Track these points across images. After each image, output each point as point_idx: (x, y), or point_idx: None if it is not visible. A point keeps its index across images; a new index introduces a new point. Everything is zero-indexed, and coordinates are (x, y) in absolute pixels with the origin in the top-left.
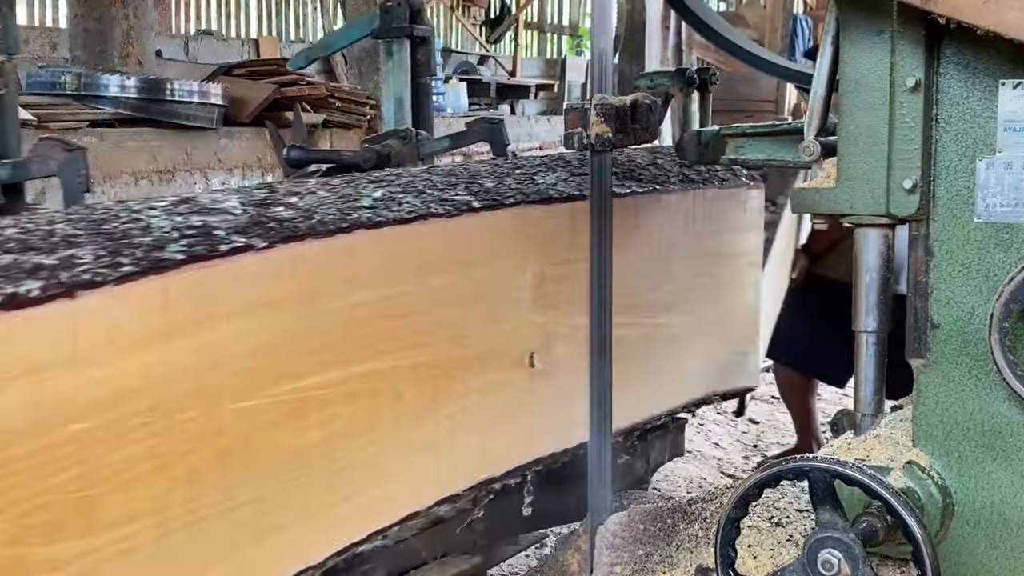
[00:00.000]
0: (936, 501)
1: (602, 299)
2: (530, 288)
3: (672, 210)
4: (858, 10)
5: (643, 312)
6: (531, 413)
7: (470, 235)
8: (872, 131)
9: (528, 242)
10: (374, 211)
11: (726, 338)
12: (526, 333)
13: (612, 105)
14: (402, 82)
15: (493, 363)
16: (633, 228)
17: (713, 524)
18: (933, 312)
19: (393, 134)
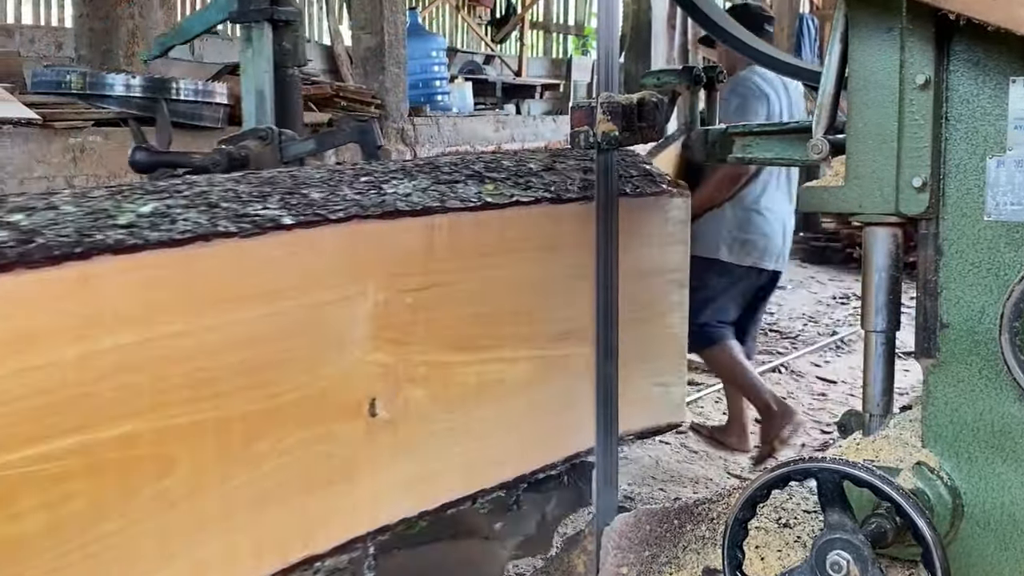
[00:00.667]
0: (946, 502)
1: (608, 300)
2: (370, 321)
3: (570, 222)
4: (867, 7)
5: (537, 342)
6: (372, 472)
7: (278, 259)
8: (881, 129)
9: (367, 265)
10: (131, 231)
11: (643, 368)
12: (364, 376)
13: (618, 103)
14: (262, 73)
15: (316, 415)
16: (514, 244)
17: (720, 525)
18: (943, 311)
19: (251, 134)
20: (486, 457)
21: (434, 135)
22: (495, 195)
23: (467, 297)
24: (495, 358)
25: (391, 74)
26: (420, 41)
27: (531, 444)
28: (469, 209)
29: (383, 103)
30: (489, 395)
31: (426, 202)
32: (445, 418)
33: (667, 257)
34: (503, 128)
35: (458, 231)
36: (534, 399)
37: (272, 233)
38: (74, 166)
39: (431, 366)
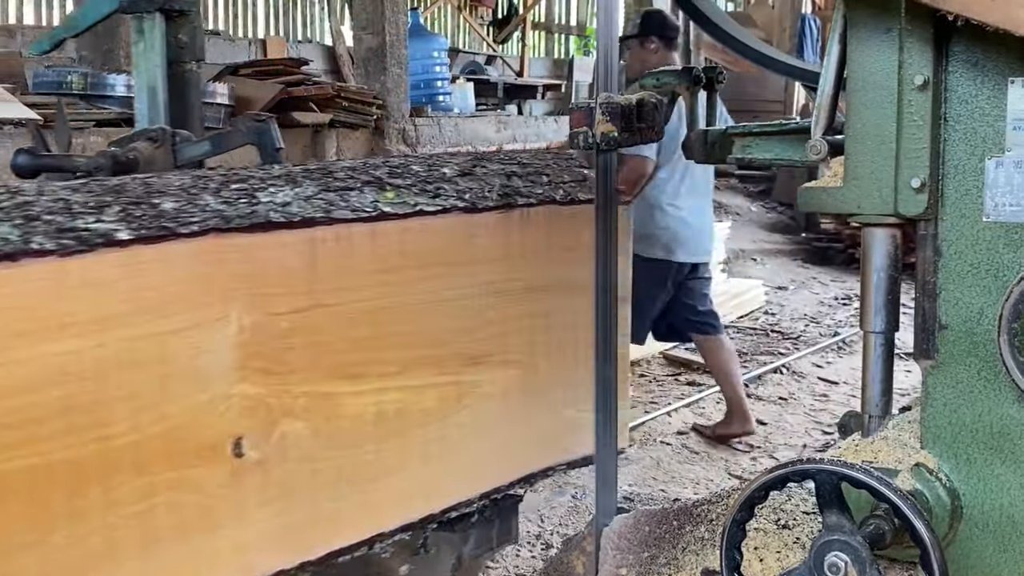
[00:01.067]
0: (944, 504)
1: (607, 303)
2: (234, 349)
3: (486, 233)
4: (866, 8)
5: (447, 367)
6: (238, 520)
7: (111, 280)
8: (880, 130)
9: (230, 285)
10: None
11: (578, 394)
12: (227, 412)
13: (618, 104)
14: (155, 68)
15: (163, 458)
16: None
17: (719, 526)
18: (941, 313)
19: (142, 135)
20: (385, 497)
21: (435, 135)
22: (395, 204)
23: (359, 318)
24: (395, 386)
25: (393, 74)
26: (422, 41)
27: (440, 480)
28: (362, 220)
29: (385, 103)
30: (388, 428)
31: (308, 212)
32: (332, 456)
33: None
34: (505, 129)
35: (348, 245)
36: (444, 430)
37: (102, 250)
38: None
39: (314, 397)
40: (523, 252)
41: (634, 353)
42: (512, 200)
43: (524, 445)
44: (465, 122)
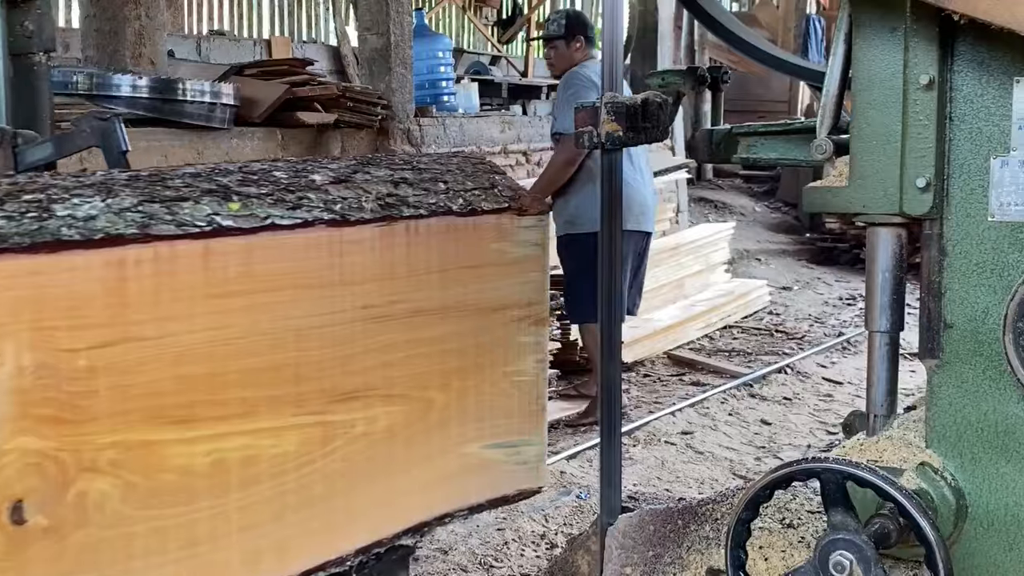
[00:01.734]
0: (949, 503)
1: (611, 302)
2: (10, 394)
3: (360, 250)
4: (871, 7)
5: (311, 406)
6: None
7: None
8: (885, 129)
9: (5, 317)
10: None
11: (483, 427)
12: (2, 470)
13: (623, 103)
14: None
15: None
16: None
17: (724, 525)
18: (947, 312)
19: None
20: (226, 560)
21: (440, 136)
22: (241, 217)
23: (188, 353)
24: (239, 431)
25: (397, 75)
26: (426, 42)
27: (303, 536)
28: (191, 236)
29: (389, 104)
30: (231, 479)
31: (116, 228)
32: (153, 516)
33: (515, 290)
34: (509, 129)
35: (171, 266)
36: (307, 478)
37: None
38: (80, 166)
39: (126, 448)
40: (410, 271)
41: (638, 353)
42: (396, 211)
43: (413, 490)
44: (469, 122)
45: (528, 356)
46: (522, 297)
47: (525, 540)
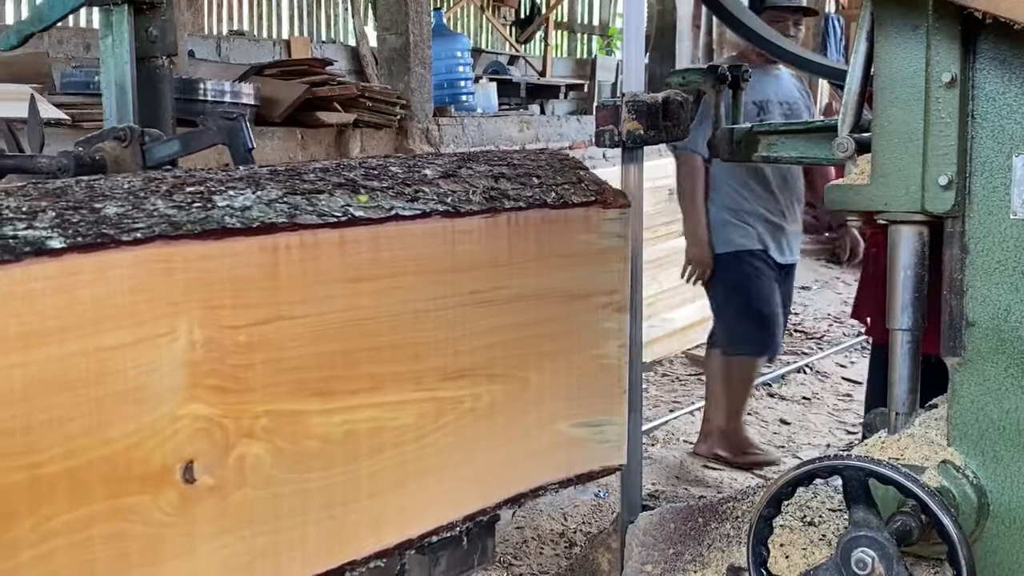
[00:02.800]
0: (971, 501)
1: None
2: (183, 366)
3: (470, 240)
4: (893, 6)
5: (426, 383)
6: (191, 552)
7: (41, 293)
8: (907, 127)
9: (177, 297)
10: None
11: (571, 407)
12: (176, 434)
13: (643, 102)
14: (123, 64)
15: (101, 486)
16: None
17: (744, 523)
18: (968, 310)
19: (109, 134)
20: (357, 523)
21: (459, 135)
22: (369, 208)
23: (328, 331)
24: (368, 403)
25: (416, 74)
26: (445, 41)
27: (420, 503)
28: (330, 226)
29: (408, 103)
30: (361, 448)
31: (269, 217)
32: (296, 479)
33: (601, 277)
34: (528, 128)
35: (314, 252)
36: (424, 450)
37: (30, 260)
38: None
39: (276, 417)
40: (511, 259)
41: (657, 352)
42: (499, 203)
43: (512, 464)
44: (488, 122)
45: (611, 341)
46: (605, 285)
47: (544, 539)
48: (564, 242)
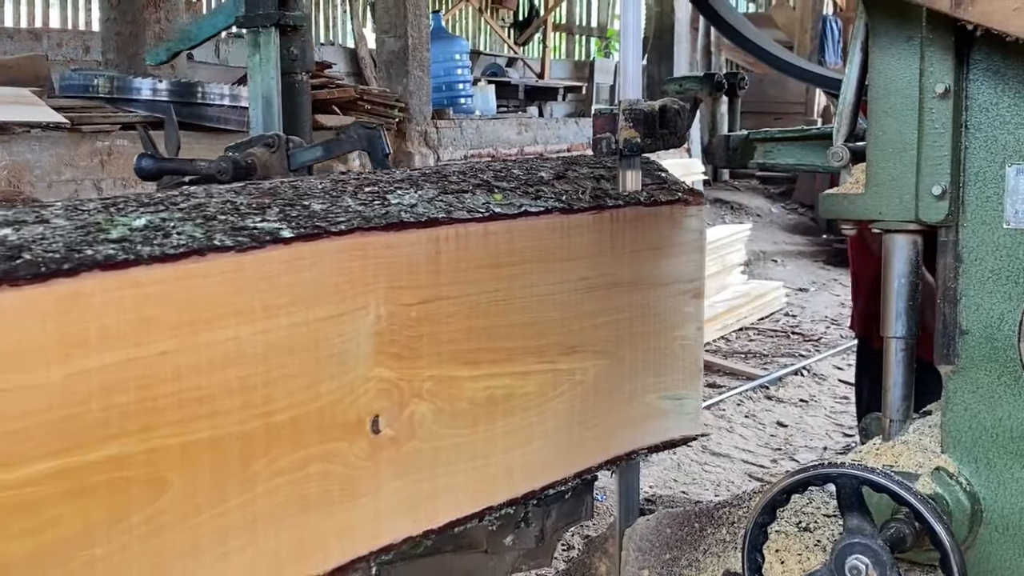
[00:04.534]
0: (964, 507)
1: None
2: (371, 336)
3: (580, 233)
4: (888, 17)
5: (547, 356)
6: (376, 491)
7: (276, 274)
8: (901, 137)
9: (369, 279)
10: (123, 246)
11: (657, 382)
12: (366, 392)
13: (641, 110)
14: (270, 79)
15: (314, 433)
16: (523, 255)
17: (740, 529)
18: (962, 318)
19: (258, 140)
20: (495, 474)
21: (457, 138)
22: (504, 205)
23: (475, 310)
24: (504, 372)
25: (415, 77)
26: (443, 44)
27: (542, 460)
28: (477, 220)
29: (407, 106)
30: (498, 410)
31: (432, 213)
32: (452, 434)
33: (682, 267)
34: (526, 131)
35: (465, 243)
36: (544, 414)
37: (271, 247)
38: (101, 169)
39: (437, 381)
40: (612, 250)
41: None
42: (603, 201)
43: (611, 430)
44: (486, 124)
45: (690, 324)
46: (686, 274)
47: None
48: (654, 236)
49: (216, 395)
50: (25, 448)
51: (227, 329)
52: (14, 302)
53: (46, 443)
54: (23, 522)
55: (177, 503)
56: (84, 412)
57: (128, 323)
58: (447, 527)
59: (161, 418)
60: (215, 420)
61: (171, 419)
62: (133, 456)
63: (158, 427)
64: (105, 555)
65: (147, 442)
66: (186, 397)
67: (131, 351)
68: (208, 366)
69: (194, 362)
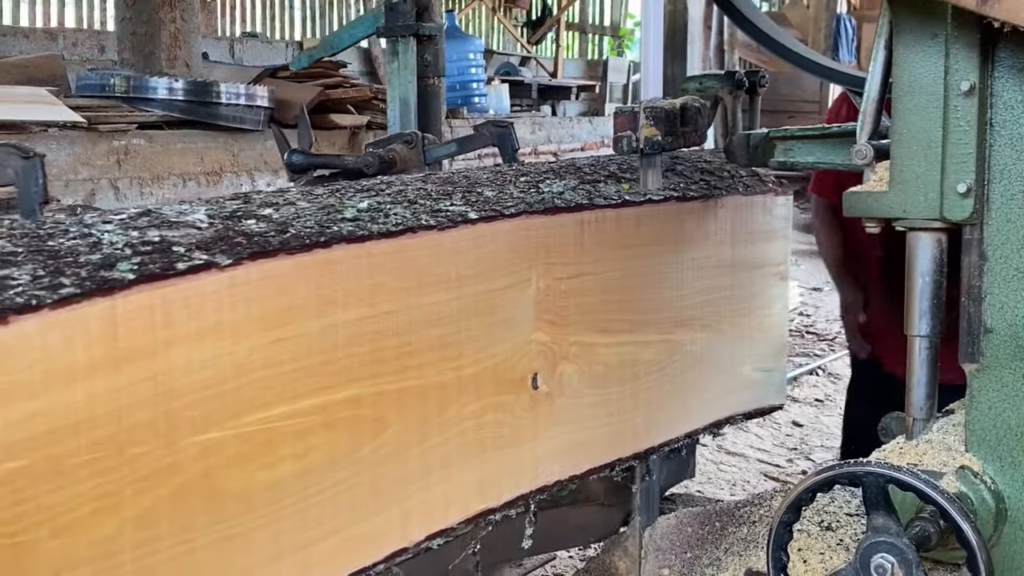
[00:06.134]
0: (989, 506)
1: None
2: (533, 304)
3: (692, 219)
4: (912, 14)
5: (664, 328)
6: (535, 439)
7: (465, 249)
8: (926, 135)
9: (531, 255)
10: (357, 223)
11: (751, 354)
12: (528, 353)
13: (661, 108)
14: (408, 83)
15: (491, 386)
16: (647, 238)
17: (761, 527)
18: (987, 316)
19: (398, 138)
20: (623, 430)
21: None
22: (632, 193)
23: (609, 286)
24: (630, 341)
25: None
26: (457, 43)
27: (659, 420)
28: (611, 206)
29: None
30: (626, 374)
31: (577, 199)
32: (591, 393)
33: (772, 251)
34: (539, 130)
35: (603, 226)
36: (662, 379)
37: (461, 226)
38: (118, 168)
39: (580, 346)
40: (716, 235)
41: None
42: (708, 192)
43: (715, 397)
44: None
45: (778, 303)
46: (775, 258)
47: None
48: (750, 223)
49: (422, 350)
50: (296, 387)
51: (431, 295)
52: (288, 268)
53: (308, 384)
54: (293, 447)
55: (394, 439)
56: (333, 359)
57: (364, 287)
58: (586, 474)
59: (385, 367)
60: (421, 371)
61: (391, 368)
62: (365, 398)
63: (382, 375)
64: (344, 479)
65: (375, 387)
66: (402, 351)
67: (365, 310)
68: (417, 325)
69: (408, 321)
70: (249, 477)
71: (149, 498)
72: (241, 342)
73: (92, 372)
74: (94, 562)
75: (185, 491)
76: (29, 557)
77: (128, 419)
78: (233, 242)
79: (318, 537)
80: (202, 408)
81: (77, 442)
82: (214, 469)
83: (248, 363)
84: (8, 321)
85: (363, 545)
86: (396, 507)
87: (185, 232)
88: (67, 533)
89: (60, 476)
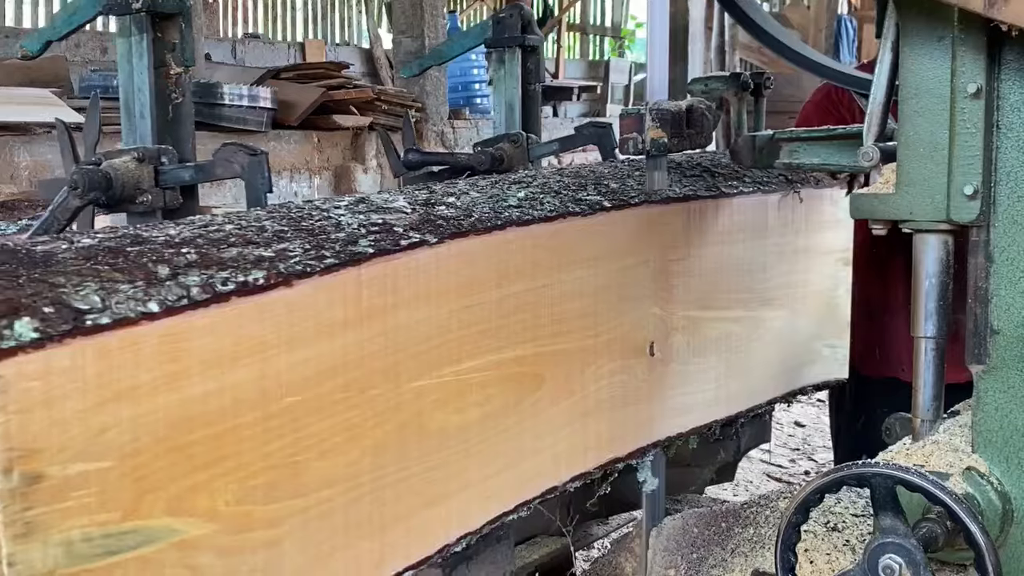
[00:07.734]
0: (996, 507)
1: None
2: (651, 282)
3: (772, 209)
4: (919, 16)
5: (751, 306)
6: (651, 399)
7: (602, 232)
8: (932, 137)
9: (650, 239)
10: (521, 210)
11: (819, 332)
12: (647, 324)
13: (667, 110)
14: (513, 89)
15: (620, 351)
16: (738, 226)
17: (767, 528)
18: (993, 318)
19: (504, 138)
20: (718, 396)
21: (474, 138)
22: (726, 187)
23: (708, 267)
24: (725, 317)
25: (431, 77)
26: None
27: (748, 388)
28: (711, 198)
29: (423, 106)
30: (722, 346)
31: (687, 191)
32: (695, 361)
33: (838, 239)
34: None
35: (703, 215)
36: (750, 352)
37: (599, 213)
38: None
39: (687, 320)
40: (793, 223)
41: None
42: (762, 188)
43: (790, 368)
44: None
45: (841, 287)
46: (839, 244)
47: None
48: (819, 212)
49: (569, 318)
50: (479, 346)
51: (576, 272)
52: (476, 246)
53: (488, 344)
54: (477, 396)
55: (548, 394)
56: (506, 324)
57: (527, 263)
58: (690, 432)
59: (541, 331)
60: (569, 336)
61: (546, 333)
62: (527, 357)
63: (540, 338)
64: (512, 424)
65: (535, 348)
66: (554, 318)
67: (528, 283)
68: (565, 297)
69: (559, 294)
70: (446, 419)
71: (381, 431)
72: (443, 307)
73: (345, 327)
74: (346, 480)
75: (405, 427)
76: (304, 474)
77: (368, 366)
78: (436, 224)
79: (493, 472)
80: (416, 360)
81: (334, 383)
82: (423, 410)
83: (448, 324)
84: (292, 284)
85: (527, 481)
86: (549, 451)
87: (398, 216)
88: (328, 456)
89: (322, 410)
